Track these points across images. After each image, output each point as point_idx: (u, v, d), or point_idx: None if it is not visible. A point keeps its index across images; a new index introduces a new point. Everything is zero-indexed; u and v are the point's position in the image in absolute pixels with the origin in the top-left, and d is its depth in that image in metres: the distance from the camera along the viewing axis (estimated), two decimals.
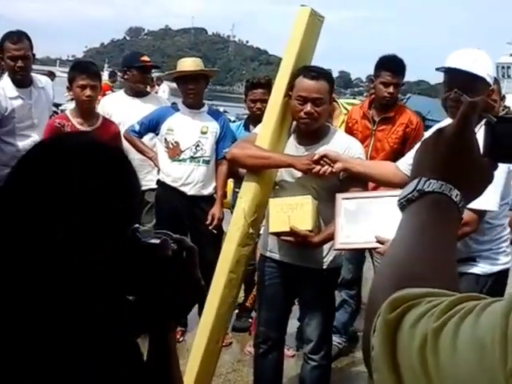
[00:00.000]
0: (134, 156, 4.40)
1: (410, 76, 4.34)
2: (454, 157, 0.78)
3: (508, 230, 2.74)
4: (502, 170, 2.40)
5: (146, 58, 4.76)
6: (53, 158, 0.89)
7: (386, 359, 0.58)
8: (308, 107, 2.79)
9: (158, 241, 0.93)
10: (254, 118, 4.23)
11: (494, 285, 2.60)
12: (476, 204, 2.26)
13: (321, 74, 2.84)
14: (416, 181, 0.77)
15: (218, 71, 5.07)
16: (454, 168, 0.77)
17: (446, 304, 0.57)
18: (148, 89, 5.07)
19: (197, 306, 3.09)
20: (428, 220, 0.75)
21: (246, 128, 4.40)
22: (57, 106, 9.22)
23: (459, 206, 0.76)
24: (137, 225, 0.93)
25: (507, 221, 2.74)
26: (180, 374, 1.05)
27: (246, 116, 4.91)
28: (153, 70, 5.51)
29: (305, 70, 2.86)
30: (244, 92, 4.52)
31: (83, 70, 3.89)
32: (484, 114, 0.81)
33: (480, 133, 0.82)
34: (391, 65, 4.08)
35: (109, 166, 0.92)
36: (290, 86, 2.85)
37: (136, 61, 4.67)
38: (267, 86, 4.20)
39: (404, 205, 0.78)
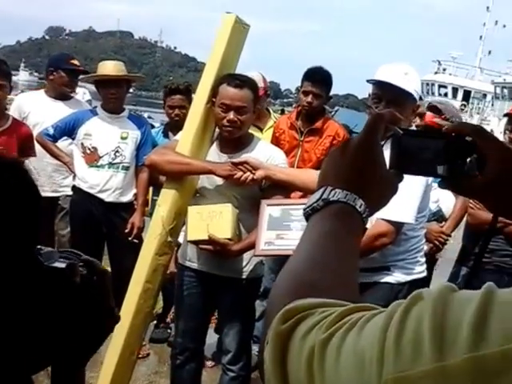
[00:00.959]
0: (48, 161, 4.25)
1: (338, 89, 4.41)
2: (359, 167, 0.79)
3: (423, 240, 2.80)
4: (420, 183, 2.46)
5: (76, 62, 4.62)
6: None
7: (276, 371, 0.57)
8: (231, 115, 2.77)
9: (63, 265, 0.81)
10: (173, 125, 4.20)
11: (408, 293, 2.64)
12: (393, 216, 2.34)
13: (245, 82, 2.83)
14: (321, 190, 0.77)
15: (142, 77, 4.96)
16: (359, 178, 0.78)
17: (335, 315, 0.56)
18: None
19: None
20: (330, 229, 0.74)
21: (165, 135, 4.35)
22: None
23: (363, 216, 0.77)
24: (38, 246, 0.82)
25: (423, 232, 2.80)
26: None
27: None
28: None
29: (229, 77, 2.83)
30: (163, 98, 4.46)
31: None
32: (391, 127, 0.83)
33: (387, 145, 0.83)
34: (312, 75, 4.13)
35: (5, 187, 0.82)
36: (214, 92, 2.82)
37: (65, 63, 4.52)
38: (186, 92, 4.22)
39: (309, 213, 0.78)
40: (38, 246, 0.82)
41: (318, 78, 4.13)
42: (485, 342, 0.43)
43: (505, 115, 3.91)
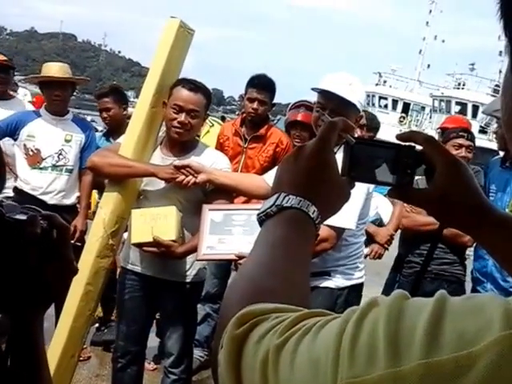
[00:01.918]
0: None
1: (280, 98, 4.47)
2: (312, 174, 0.80)
3: (363, 247, 2.87)
4: (361, 190, 2.51)
5: (0, 57, 4.47)
6: None
7: (230, 376, 0.58)
8: (182, 117, 2.80)
9: (24, 217, 0.84)
10: (110, 128, 4.23)
11: (347, 298, 2.71)
12: (335, 221, 2.40)
13: (200, 88, 2.87)
14: (275, 196, 0.78)
15: (86, 79, 4.92)
16: (312, 185, 0.79)
17: (290, 320, 0.56)
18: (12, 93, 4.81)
19: (54, 317, 2.94)
20: (283, 235, 0.75)
21: (107, 138, 4.36)
22: None
23: (316, 222, 0.78)
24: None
25: (363, 239, 2.87)
26: (48, 370, 0.95)
27: None
28: (15, 74, 5.24)
29: (184, 80, 2.87)
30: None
31: None
32: (343, 134, 0.84)
33: (340, 152, 0.85)
34: (257, 82, 4.18)
35: None
36: (169, 94, 2.84)
37: None
38: (112, 93, 4.36)
39: (263, 219, 0.78)
40: None
41: (263, 84, 4.18)
42: (438, 348, 0.44)
43: (439, 129, 4.03)
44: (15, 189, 4.01)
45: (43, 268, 0.85)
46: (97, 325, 4.31)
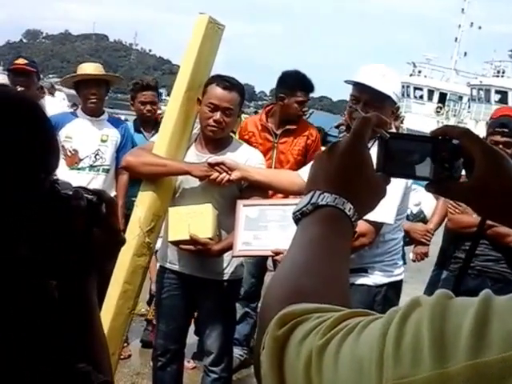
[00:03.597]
0: None
1: (315, 92, 4.42)
2: (347, 171, 0.78)
3: (401, 243, 2.82)
4: (400, 184, 2.47)
5: (19, 61, 4.49)
6: None
7: (273, 377, 0.57)
8: (217, 115, 2.78)
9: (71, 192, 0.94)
10: (144, 120, 4.24)
11: (386, 295, 2.67)
12: (373, 216, 2.35)
13: (234, 85, 2.85)
14: (310, 194, 0.77)
15: (120, 78, 4.95)
16: (347, 182, 0.78)
17: (331, 320, 0.56)
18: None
19: None
20: (321, 233, 0.74)
21: (138, 130, 4.38)
22: None
23: (352, 219, 0.77)
24: (56, 176, 0.95)
25: (401, 235, 2.82)
26: (103, 331, 1.03)
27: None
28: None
29: (218, 78, 2.85)
30: (131, 95, 4.49)
31: None
32: (377, 130, 0.82)
33: (374, 148, 0.83)
34: (306, 85, 4.14)
35: (18, 115, 0.90)
36: (203, 92, 2.83)
37: (11, 64, 4.50)
38: (156, 88, 4.39)
39: (299, 218, 0.77)
40: (56, 177, 0.95)
41: (310, 87, 4.16)
42: (486, 348, 0.43)
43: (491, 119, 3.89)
44: None
45: (92, 235, 0.95)
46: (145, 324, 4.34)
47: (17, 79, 4.36)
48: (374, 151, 0.82)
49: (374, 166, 0.82)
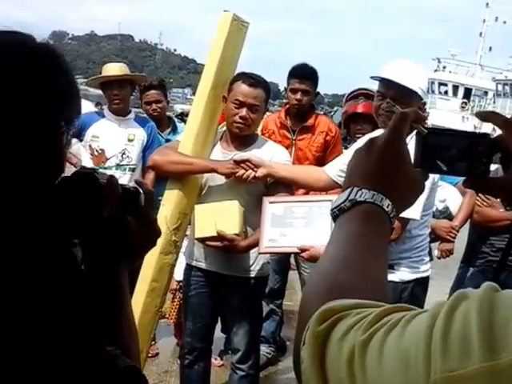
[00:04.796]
0: None
1: (337, 89, 4.37)
2: (385, 167, 0.78)
3: (428, 239, 2.80)
4: (426, 180, 2.45)
5: None
6: None
7: (315, 372, 0.57)
8: (244, 112, 2.79)
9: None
10: (154, 120, 4.28)
11: (413, 292, 2.65)
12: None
13: (260, 82, 2.86)
14: (348, 190, 0.77)
15: (143, 76, 4.96)
16: (385, 178, 0.77)
17: (373, 316, 0.56)
18: None
19: None
20: (359, 230, 0.74)
21: None
22: None
23: (390, 216, 0.76)
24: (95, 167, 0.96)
25: (428, 231, 2.80)
26: (133, 319, 1.03)
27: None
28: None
29: (244, 75, 2.87)
30: (139, 97, 4.54)
31: None
32: (415, 125, 0.82)
33: (411, 143, 0.82)
34: (298, 72, 4.08)
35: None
36: (229, 89, 2.84)
37: None
38: (160, 87, 4.42)
39: (337, 214, 0.77)
40: (94, 167, 0.96)
41: (305, 74, 4.08)
42: None
43: None
44: None
45: (127, 223, 0.96)
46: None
47: None
48: (411, 147, 0.82)
49: (412, 162, 0.81)
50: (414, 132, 0.83)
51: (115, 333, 0.93)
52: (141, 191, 0.99)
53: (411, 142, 0.81)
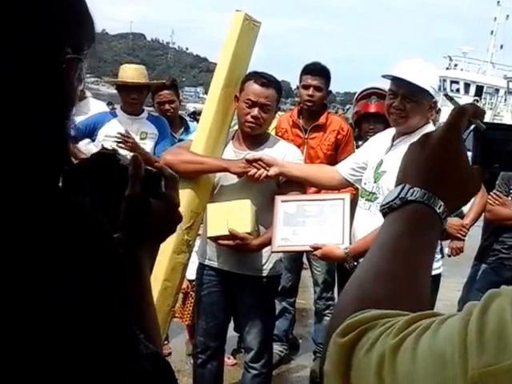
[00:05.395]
0: None
1: (351, 87, 4.36)
2: (440, 163, 0.74)
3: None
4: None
5: None
6: None
7: (339, 382, 0.57)
8: (255, 111, 2.80)
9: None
10: (167, 120, 4.27)
11: None
12: None
13: (271, 82, 2.86)
14: (399, 188, 0.74)
15: (163, 83, 4.91)
16: (439, 176, 0.74)
17: (402, 323, 0.56)
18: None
19: None
20: (406, 231, 0.71)
21: None
22: None
23: (442, 217, 0.73)
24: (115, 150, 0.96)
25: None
26: (154, 306, 0.99)
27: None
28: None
29: (256, 75, 2.87)
30: (151, 97, 4.52)
31: None
32: (473, 121, 0.78)
33: (467, 140, 0.79)
34: (309, 68, 4.08)
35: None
36: (240, 89, 2.84)
37: None
38: (172, 87, 4.39)
39: (386, 212, 0.75)
40: (115, 150, 0.96)
41: (317, 70, 4.07)
42: None
43: None
44: None
45: (149, 204, 0.93)
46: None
47: None
48: (467, 143, 0.79)
49: (470, 159, 0.77)
50: (471, 128, 0.79)
51: (138, 318, 0.88)
52: (164, 174, 0.98)
53: (468, 138, 0.78)
